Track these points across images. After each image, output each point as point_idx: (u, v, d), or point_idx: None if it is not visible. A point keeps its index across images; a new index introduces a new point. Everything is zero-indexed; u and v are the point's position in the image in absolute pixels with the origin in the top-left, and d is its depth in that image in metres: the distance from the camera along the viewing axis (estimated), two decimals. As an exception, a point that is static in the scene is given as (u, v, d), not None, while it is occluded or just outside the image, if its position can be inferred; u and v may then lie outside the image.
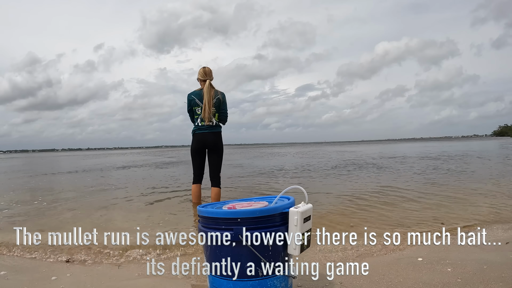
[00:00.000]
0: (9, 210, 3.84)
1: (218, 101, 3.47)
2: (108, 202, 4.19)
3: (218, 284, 1.29)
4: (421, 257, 1.96)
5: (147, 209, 3.65)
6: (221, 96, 3.47)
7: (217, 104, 3.47)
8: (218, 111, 3.49)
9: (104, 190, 5.45)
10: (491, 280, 1.62)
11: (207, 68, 3.51)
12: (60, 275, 1.83)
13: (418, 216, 3.01)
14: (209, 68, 3.51)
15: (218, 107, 3.48)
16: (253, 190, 4.90)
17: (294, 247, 1.27)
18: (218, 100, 3.46)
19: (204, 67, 3.52)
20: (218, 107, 3.48)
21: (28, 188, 6.19)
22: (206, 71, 3.49)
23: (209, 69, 3.51)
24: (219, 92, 3.49)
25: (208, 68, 3.51)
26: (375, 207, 3.43)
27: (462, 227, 2.59)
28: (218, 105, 3.47)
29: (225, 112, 3.52)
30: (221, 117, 3.52)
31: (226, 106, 3.53)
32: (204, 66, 3.54)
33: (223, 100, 3.49)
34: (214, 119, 3.49)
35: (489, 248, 2.02)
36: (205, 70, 3.49)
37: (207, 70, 3.50)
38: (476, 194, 4.06)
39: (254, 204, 1.36)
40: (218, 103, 3.47)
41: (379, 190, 4.44)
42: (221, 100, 3.47)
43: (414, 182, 5.29)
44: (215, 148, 3.54)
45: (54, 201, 4.32)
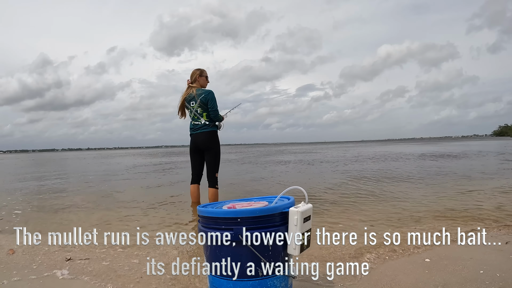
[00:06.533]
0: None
1: (205, 100, 3.45)
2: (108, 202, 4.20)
3: (218, 284, 1.29)
4: (424, 257, 1.96)
5: (147, 209, 3.65)
6: (206, 94, 3.45)
7: (204, 103, 3.45)
8: (206, 110, 3.48)
9: (103, 190, 5.45)
10: (491, 280, 1.62)
11: (193, 70, 3.56)
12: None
13: (418, 215, 3.01)
14: (195, 70, 3.55)
15: (206, 106, 3.47)
16: (253, 190, 4.90)
17: (294, 247, 1.27)
18: (204, 99, 3.44)
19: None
20: (206, 106, 3.47)
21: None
22: (191, 73, 3.56)
23: (193, 71, 3.55)
24: (205, 91, 3.48)
25: (194, 70, 3.56)
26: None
27: (462, 227, 2.59)
28: (205, 104, 3.46)
29: (213, 109, 3.46)
30: (210, 115, 3.49)
31: (214, 103, 3.46)
32: (196, 68, 3.57)
33: (209, 98, 3.45)
34: (203, 118, 3.48)
35: (489, 248, 2.03)
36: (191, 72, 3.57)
37: (191, 72, 3.56)
38: (476, 194, 4.06)
39: (254, 204, 1.36)
40: (205, 101, 3.45)
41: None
42: (207, 98, 3.45)
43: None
44: (206, 148, 3.53)
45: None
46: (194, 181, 3.69)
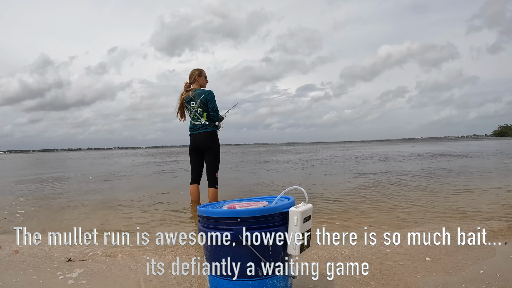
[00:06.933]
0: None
1: (205, 100, 3.45)
2: (106, 202, 4.20)
3: (218, 284, 1.29)
4: (424, 256, 1.96)
5: (147, 209, 3.65)
6: (207, 94, 3.46)
7: (204, 103, 3.46)
8: (206, 110, 3.48)
9: (103, 189, 5.45)
10: (491, 280, 1.62)
11: (192, 71, 3.56)
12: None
13: (417, 215, 3.01)
14: (193, 70, 3.56)
15: (206, 106, 3.47)
16: (253, 190, 4.90)
17: (294, 247, 1.27)
18: (205, 99, 3.45)
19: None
20: (206, 106, 3.47)
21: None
22: (190, 73, 3.57)
23: (192, 71, 3.56)
24: (205, 91, 3.49)
25: (193, 70, 3.56)
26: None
27: (463, 227, 2.59)
28: (204, 104, 3.46)
29: (213, 109, 3.47)
30: (210, 115, 3.50)
31: (213, 103, 3.47)
32: (195, 69, 3.58)
33: (209, 98, 3.45)
34: (203, 118, 3.49)
35: (489, 248, 2.03)
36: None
37: (190, 72, 3.56)
38: (477, 194, 4.06)
39: (254, 204, 1.36)
40: (205, 102, 3.46)
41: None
42: (207, 98, 3.45)
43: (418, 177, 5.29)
44: (206, 148, 3.54)
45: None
46: (194, 181, 3.69)
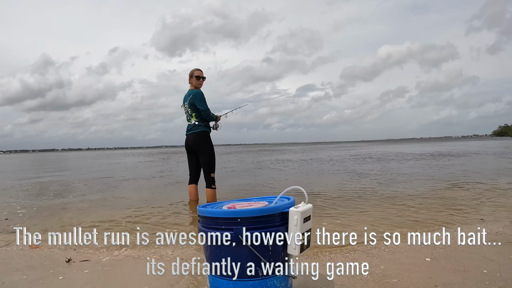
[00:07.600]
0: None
1: (192, 100, 3.44)
2: (106, 202, 4.20)
3: (218, 284, 1.29)
4: (424, 256, 1.96)
5: (147, 209, 3.65)
6: (194, 95, 3.45)
7: (192, 104, 3.45)
8: (195, 111, 3.47)
9: (103, 190, 5.45)
10: (491, 280, 1.62)
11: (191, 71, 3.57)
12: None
13: (417, 215, 3.01)
14: (193, 69, 3.56)
15: (194, 107, 3.45)
16: (253, 190, 4.90)
17: (294, 247, 1.27)
18: (192, 99, 3.44)
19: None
20: (194, 107, 3.45)
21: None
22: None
23: (191, 71, 3.56)
24: (193, 91, 3.48)
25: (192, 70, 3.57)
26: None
27: (463, 226, 2.59)
28: (193, 105, 3.45)
29: (203, 109, 3.45)
30: (202, 115, 3.48)
31: (201, 103, 3.44)
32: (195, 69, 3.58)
33: (196, 99, 3.44)
34: (193, 119, 3.49)
35: (489, 248, 2.02)
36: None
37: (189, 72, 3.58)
38: (477, 193, 4.06)
39: (254, 204, 1.36)
40: (192, 102, 3.45)
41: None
42: (194, 99, 3.44)
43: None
44: (197, 149, 3.53)
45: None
46: (191, 181, 3.70)
